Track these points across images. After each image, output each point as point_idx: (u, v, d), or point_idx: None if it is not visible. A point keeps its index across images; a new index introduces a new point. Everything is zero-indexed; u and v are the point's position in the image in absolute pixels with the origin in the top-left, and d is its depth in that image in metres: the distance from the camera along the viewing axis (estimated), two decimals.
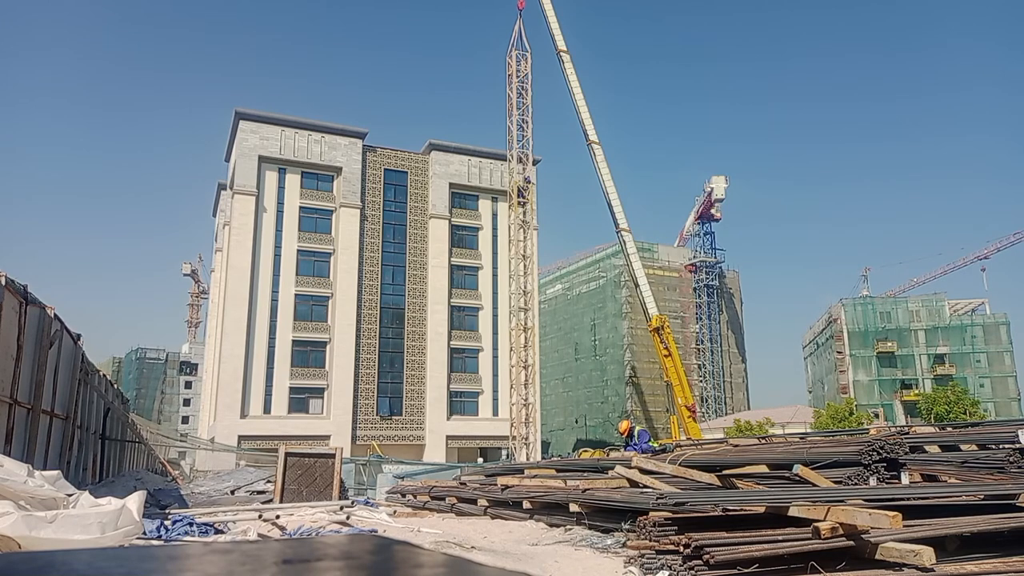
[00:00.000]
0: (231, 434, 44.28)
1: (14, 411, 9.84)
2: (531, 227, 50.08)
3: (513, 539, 9.99)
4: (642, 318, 57.15)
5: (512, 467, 21.15)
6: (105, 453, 20.12)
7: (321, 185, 51.26)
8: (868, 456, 8.61)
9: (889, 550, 5.93)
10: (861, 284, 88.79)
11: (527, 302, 48.34)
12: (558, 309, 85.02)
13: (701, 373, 78.81)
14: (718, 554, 5.85)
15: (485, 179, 55.24)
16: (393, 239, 52.60)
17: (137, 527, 7.02)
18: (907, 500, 7.04)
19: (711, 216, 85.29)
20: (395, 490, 18.92)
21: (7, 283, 9.11)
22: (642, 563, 6.63)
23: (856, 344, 75.07)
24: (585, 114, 50.24)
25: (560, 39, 50.93)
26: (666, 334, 49.10)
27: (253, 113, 49.85)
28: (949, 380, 67.78)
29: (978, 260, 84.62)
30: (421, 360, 51.14)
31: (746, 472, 9.83)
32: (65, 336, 13.01)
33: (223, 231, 55.18)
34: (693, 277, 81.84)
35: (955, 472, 9.12)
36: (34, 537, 5.65)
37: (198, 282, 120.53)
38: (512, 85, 49.66)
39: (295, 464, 17.63)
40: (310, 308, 49.08)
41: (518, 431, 46.15)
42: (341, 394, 48.17)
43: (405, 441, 49.36)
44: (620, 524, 8.79)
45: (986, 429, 13.03)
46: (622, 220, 49.86)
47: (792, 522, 6.53)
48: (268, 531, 11.31)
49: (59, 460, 12.96)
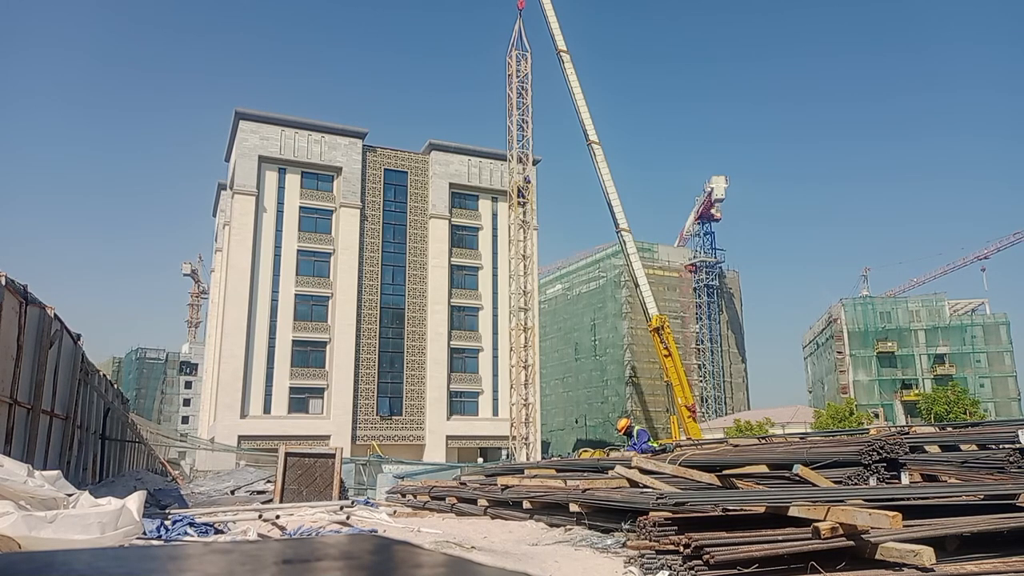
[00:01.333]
0: (231, 434, 44.28)
1: (14, 411, 9.85)
2: (531, 227, 50.07)
3: (513, 539, 9.99)
4: (642, 318, 57.15)
5: (512, 467, 21.15)
6: (105, 453, 20.12)
7: (321, 185, 51.27)
8: (868, 456, 8.61)
9: (889, 550, 5.93)
10: (861, 284, 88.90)
11: (527, 302, 48.34)
12: (558, 309, 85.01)
13: (701, 373, 78.80)
14: (718, 554, 5.85)
15: (485, 179, 55.25)
16: (393, 239, 52.61)
17: (137, 527, 7.02)
18: (907, 500, 7.04)
19: (711, 216, 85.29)
20: (395, 490, 18.92)
21: (7, 283, 9.11)
22: (642, 563, 6.63)
23: (856, 344, 75.07)
24: (585, 114, 50.23)
25: (560, 39, 50.92)
26: (666, 334, 49.09)
27: (253, 113, 49.86)
28: (949, 380, 67.77)
29: (978, 260, 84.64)
30: (421, 360, 51.14)
31: (746, 472, 9.83)
32: (65, 336, 13.02)
33: (223, 231, 55.18)
34: (693, 277, 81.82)
35: (955, 472, 9.12)
36: (34, 537, 5.65)
37: (198, 282, 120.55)
38: (512, 85, 49.66)
39: (295, 464, 17.62)
40: (310, 308, 49.09)
41: (518, 431, 46.15)
42: (341, 394, 48.17)
43: (405, 441, 49.36)
44: (620, 524, 8.79)
45: (986, 429, 13.02)
46: (622, 220, 49.84)
47: (792, 522, 6.53)
48: (268, 531, 11.30)
49: (59, 460, 12.96)
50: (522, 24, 50.37)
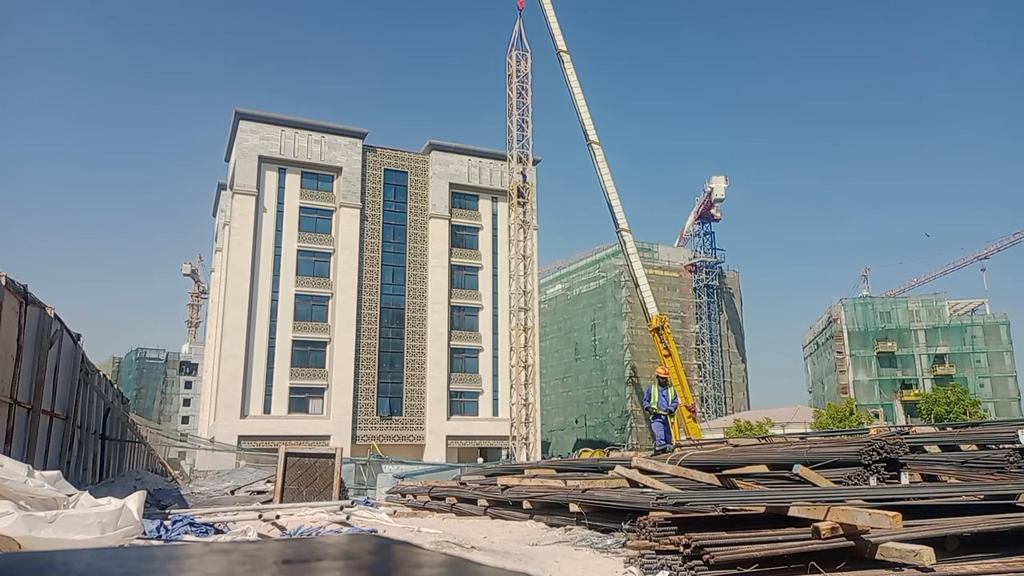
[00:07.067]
0: (231, 434, 44.29)
1: (14, 411, 9.84)
2: (531, 227, 50.08)
3: (513, 539, 9.99)
4: (642, 318, 57.12)
5: (512, 467, 21.14)
6: (105, 453, 20.11)
7: (321, 185, 51.28)
8: (868, 456, 8.60)
9: (889, 550, 5.93)
10: (861, 284, 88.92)
11: (527, 302, 48.34)
12: (558, 309, 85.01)
13: (701, 373, 78.81)
14: (718, 554, 5.85)
15: (485, 179, 55.25)
16: (393, 239, 52.62)
17: (137, 527, 7.02)
18: (907, 500, 7.04)
19: (711, 216, 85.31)
20: (395, 490, 18.91)
21: (7, 283, 9.10)
22: (642, 563, 6.62)
23: (856, 344, 75.07)
24: (585, 114, 50.20)
25: (560, 39, 50.90)
26: (666, 334, 49.05)
27: (253, 113, 49.87)
28: (949, 380, 67.80)
29: (978, 260, 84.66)
30: (421, 360, 51.14)
31: (746, 472, 9.82)
32: (65, 336, 13.01)
33: (223, 231, 55.19)
34: (693, 277, 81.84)
35: (955, 472, 9.12)
36: (34, 537, 5.65)
37: (198, 282, 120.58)
38: (512, 85, 49.67)
39: (295, 464, 17.62)
40: (310, 308, 49.10)
41: (518, 431, 46.14)
42: (341, 394, 48.18)
43: (405, 441, 49.36)
44: (620, 524, 8.79)
45: (986, 429, 13.01)
46: (622, 220, 49.81)
47: (792, 522, 6.52)
48: (268, 531, 11.30)
49: (59, 460, 12.96)
50: (522, 24, 50.46)
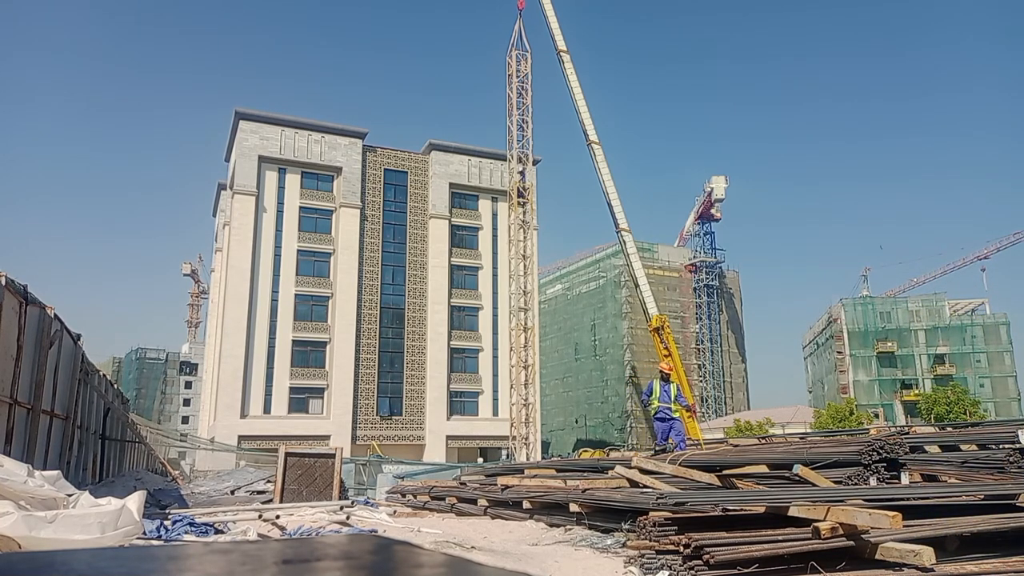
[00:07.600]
0: (231, 434, 44.29)
1: (14, 411, 9.84)
2: (531, 227, 50.08)
3: (513, 539, 9.98)
4: (642, 318, 57.10)
5: (512, 467, 21.14)
6: (105, 453, 20.10)
7: (321, 185, 51.28)
8: (868, 456, 8.60)
9: (889, 550, 5.93)
10: (861, 284, 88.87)
11: (527, 302, 48.34)
12: (558, 309, 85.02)
13: (701, 373, 78.82)
14: (718, 554, 5.85)
15: (485, 179, 55.26)
16: (393, 239, 52.62)
17: (137, 527, 7.02)
18: (907, 500, 7.04)
19: (711, 216, 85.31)
20: (395, 490, 18.90)
21: (7, 283, 9.10)
22: (642, 563, 6.62)
23: (856, 344, 75.07)
24: (585, 114, 50.17)
25: (560, 39, 50.87)
26: (666, 334, 49.02)
27: (253, 113, 49.87)
28: (949, 380, 67.78)
29: (978, 260, 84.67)
30: (421, 360, 51.14)
31: (746, 472, 9.82)
32: (65, 336, 13.01)
33: (223, 231, 55.19)
34: (693, 277, 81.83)
35: (955, 472, 9.11)
36: (34, 537, 5.65)
37: (198, 282, 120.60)
38: (512, 85, 49.66)
39: (295, 464, 17.62)
40: (310, 308, 49.10)
41: (518, 431, 46.14)
42: (341, 394, 48.18)
43: (405, 441, 49.36)
44: (620, 524, 8.78)
45: (986, 429, 13.02)
46: (622, 220, 49.78)
47: (792, 522, 6.52)
48: (268, 531, 11.29)
49: (59, 460, 12.95)
50: (522, 24, 50.44)
